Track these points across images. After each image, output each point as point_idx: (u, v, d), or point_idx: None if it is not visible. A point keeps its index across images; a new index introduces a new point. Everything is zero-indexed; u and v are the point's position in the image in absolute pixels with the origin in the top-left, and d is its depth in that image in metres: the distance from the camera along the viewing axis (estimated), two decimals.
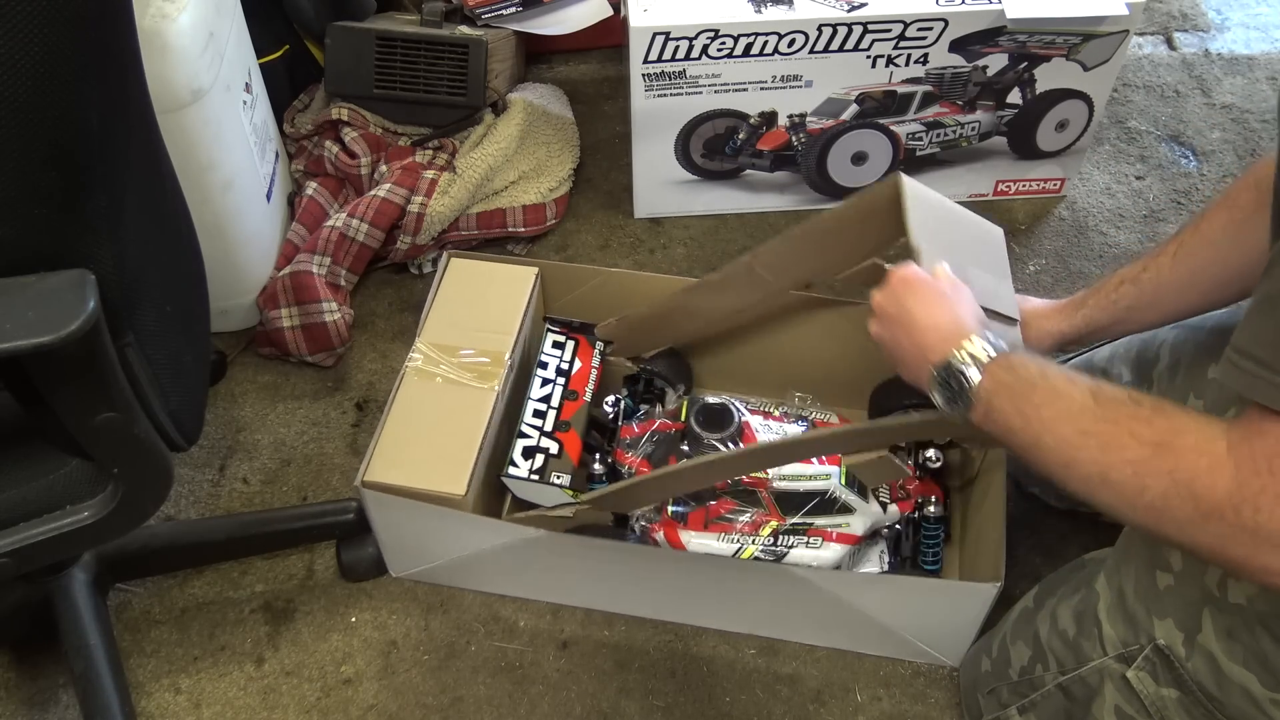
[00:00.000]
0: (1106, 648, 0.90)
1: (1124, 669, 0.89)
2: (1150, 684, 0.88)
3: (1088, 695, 0.92)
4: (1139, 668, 0.88)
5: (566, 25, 1.61)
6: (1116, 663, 0.90)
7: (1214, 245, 0.95)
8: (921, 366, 0.88)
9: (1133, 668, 0.88)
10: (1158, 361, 1.04)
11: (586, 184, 1.69)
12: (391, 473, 1.10)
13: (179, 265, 0.90)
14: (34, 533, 0.81)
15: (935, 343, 0.86)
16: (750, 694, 1.15)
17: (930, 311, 0.90)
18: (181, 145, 1.23)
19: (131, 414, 0.77)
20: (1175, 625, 0.86)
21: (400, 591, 1.23)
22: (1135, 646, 0.88)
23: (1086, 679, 0.92)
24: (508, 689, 1.15)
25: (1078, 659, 0.93)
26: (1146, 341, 1.07)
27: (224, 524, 1.28)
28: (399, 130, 1.63)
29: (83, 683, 1.07)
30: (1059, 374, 0.78)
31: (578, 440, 1.20)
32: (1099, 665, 0.91)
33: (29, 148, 0.63)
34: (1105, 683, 0.91)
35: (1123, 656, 0.89)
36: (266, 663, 1.18)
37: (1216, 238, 0.95)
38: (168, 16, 1.16)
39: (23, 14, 0.58)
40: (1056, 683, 0.95)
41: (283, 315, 1.41)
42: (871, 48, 1.44)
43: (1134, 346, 1.08)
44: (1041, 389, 0.78)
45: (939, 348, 0.85)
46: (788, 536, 1.10)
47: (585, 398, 1.24)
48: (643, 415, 1.25)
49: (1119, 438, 0.71)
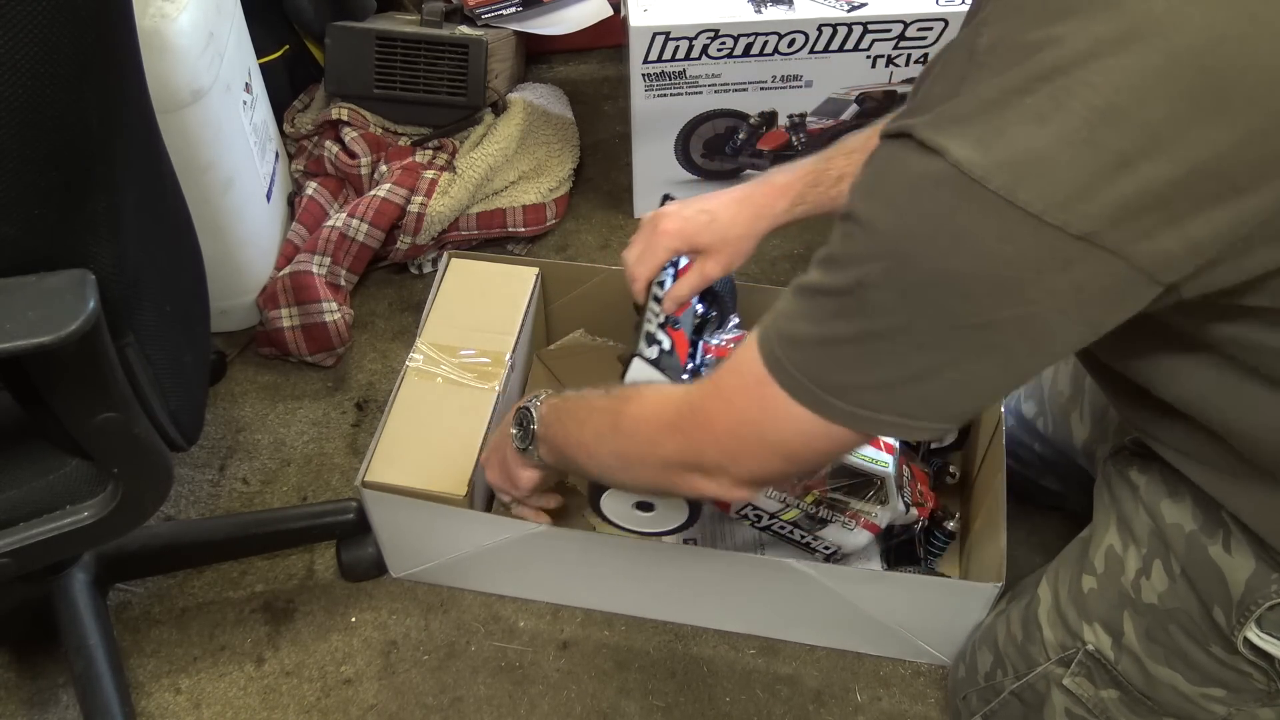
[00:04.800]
0: (1049, 652, 0.91)
1: (1064, 673, 0.89)
2: (1088, 687, 0.88)
3: (1038, 701, 0.93)
4: (1074, 672, 0.89)
5: (566, 25, 1.61)
6: (1057, 667, 0.90)
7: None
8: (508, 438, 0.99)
9: (1069, 673, 0.89)
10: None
11: (586, 184, 1.69)
12: (392, 473, 1.10)
13: (179, 265, 0.90)
14: (34, 533, 0.81)
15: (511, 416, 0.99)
16: (750, 694, 1.15)
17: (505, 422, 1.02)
18: (181, 145, 1.22)
19: (131, 414, 0.77)
20: (1103, 629, 0.87)
21: (400, 591, 1.23)
22: (1072, 650, 0.89)
23: (1035, 685, 0.93)
24: (508, 689, 1.15)
25: (1027, 665, 0.94)
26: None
27: (224, 524, 1.28)
28: (399, 130, 1.63)
29: (83, 683, 1.07)
30: (595, 391, 0.90)
31: (685, 340, 1.13)
32: (1044, 671, 0.92)
33: (29, 148, 0.63)
34: (1051, 688, 0.91)
35: (1062, 660, 0.90)
36: (266, 663, 1.17)
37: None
38: (168, 16, 1.16)
39: (22, 13, 0.58)
40: (1011, 689, 0.95)
41: (283, 315, 1.41)
42: (871, 48, 1.44)
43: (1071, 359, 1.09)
44: (576, 404, 0.90)
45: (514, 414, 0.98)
46: (829, 510, 1.09)
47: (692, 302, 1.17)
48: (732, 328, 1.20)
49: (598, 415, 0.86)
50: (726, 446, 0.73)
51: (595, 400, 0.88)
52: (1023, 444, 1.17)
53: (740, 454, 0.73)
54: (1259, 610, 0.75)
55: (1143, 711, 0.86)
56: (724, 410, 0.72)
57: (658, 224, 1.02)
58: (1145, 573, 0.84)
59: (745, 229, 1.01)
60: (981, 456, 1.20)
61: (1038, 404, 1.15)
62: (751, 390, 0.68)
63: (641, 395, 0.82)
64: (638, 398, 0.82)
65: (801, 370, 0.65)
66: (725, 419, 0.72)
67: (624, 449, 0.82)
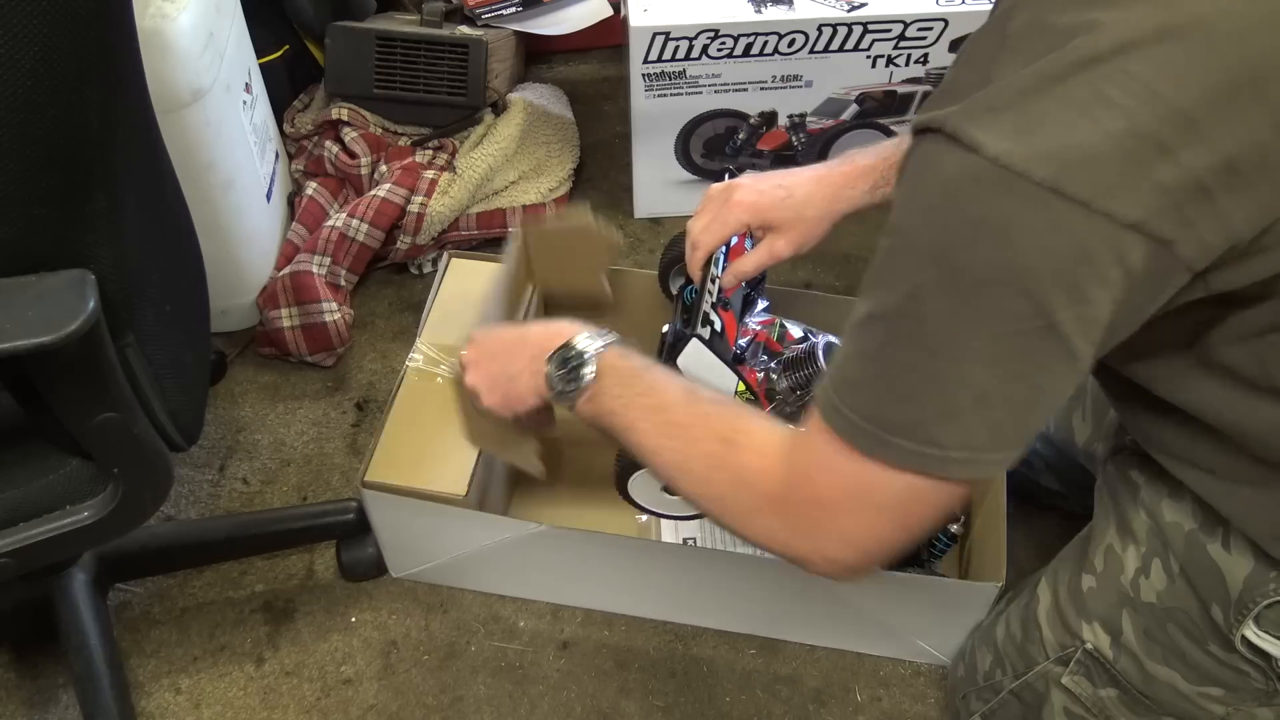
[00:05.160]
0: (1048, 651, 0.91)
1: (1062, 672, 0.89)
2: (1087, 686, 0.88)
3: (1037, 700, 0.93)
4: (1072, 671, 0.89)
5: (566, 25, 1.61)
6: (1056, 666, 0.90)
7: None
8: (533, 362, 0.84)
9: (1067, 672, 0.89)
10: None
11: (586, 184, 1.69)
12: (392, 473, 1.10)
13: (179, 265, 0.90)
14: (34, 533, 0.81)
15: (544, 339, 0.85)
16: (750, 694, 1.15)
17: (521, 332, 0.89)
18: (181, 145, 1.22)
19: (131, 414, 0.77)
20: (1101, 628, 0.87)
21: (400, 591, 1.23)
22: (1070, 649, 0.88)
23: (1033, 684, 0.93)
24: (508, 689, 1.15)
25: (1026, 664, 0.93)
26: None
27: (224, 524, 1.28)
28: (399, 130, 1.63)
29: (83, 683, 1.07)
30: (660, 370, 0.80)
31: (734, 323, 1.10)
32: (1042, 670, 0.91)
33: (29, 148, 0.63)
34: (1050, 687, 0.91)
35: (1061, 659, 0.90)
36: (266, 663, 1.17)
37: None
38: (168, 16, 1.16)
39: (23, 13, 0.58)
40: (1010, 688, 0.95)
41: (283, 315, 1.41)
42: (871, 48, 1.44)
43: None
44: (645, 379, 0.79)
45: (552, 341, 0.83)
46: None
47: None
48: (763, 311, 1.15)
49: (697, 431, 0.75)
50: (818, 524, 0.67)
51: (685, 409, 0.77)
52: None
53: (835, 530, 0.67)
54: (1257, 608, 0.75)
55: (1141, 710, 0.86)
56: (803, 487, 0.67)
57: (730, 194, 0.98)
58: (1144, 572, 0.84)
59: (821, 209, 0.97)
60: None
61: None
62: (819, 457, 0.64)
63: (751, 444, 0.72)
64: (749, 448, 0.71)
65: (860, 411, 0.61)
66: (807, 494, 0.67)
67: (724, 504, 0.74)
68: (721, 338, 1.01)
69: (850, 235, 1.56)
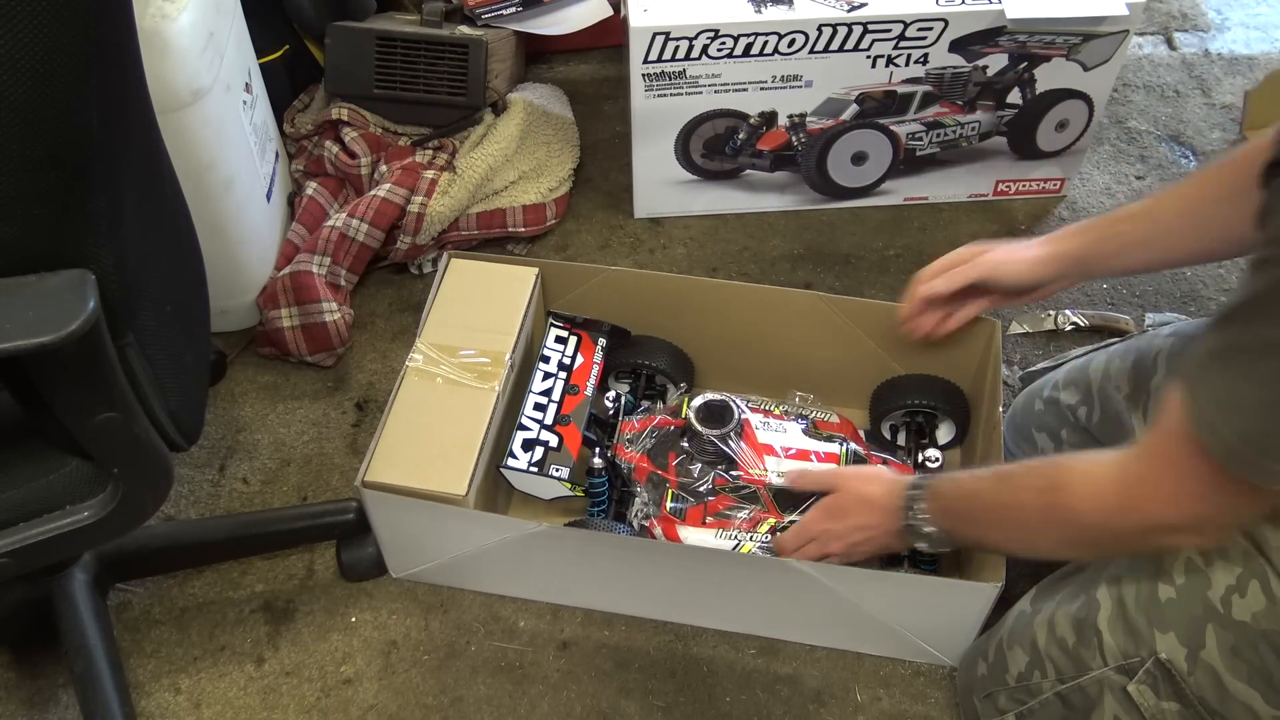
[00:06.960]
0: (1107, 658, 0.90)
1: (1125, 681, 0.88)
2: (1151, 697, 0.87)
3: (1087, 705, 0.92)
4: (1140, 681, 0.88)
5: (566, 25, 1.61)
6: (1117, 674, 0.89)
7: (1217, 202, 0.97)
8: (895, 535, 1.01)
9: (1134, 680, 0.88)
10: (1154, 372, 1.04)
11: (586, 184, 1.69)
12: (392, 473, 1.10)
13: (179, 265, 0.90)
14: (34, 533, 0.81)
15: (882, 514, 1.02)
16: (750, 694, 1.15)
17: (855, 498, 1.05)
18: (181, 145, 1.22)
19: (131, 414, 0.77)
20: (1178, 639, 0.85)
21: (400, 591, 1.23)
22: (1136, 659, 0.88)
23: (1086, 689, 0.92)
24: (508, 689, 1.15)
25: (1077, 668, 0.92)
26: (1143, 352, 1.07)
27: (224, 524, 1.28)
28: (399, 130, 1.63)
29: (83, 683, 1.07)
30: (966, 476, 0.96)
31: (578, 434, 1.20)
32: (1099, 676, 0.90)
33: (29, 148, 0.63)
34: (1105, 694, 0.90)
35: (1123, 668, 0.89)
36: (266, 663, 1.18)
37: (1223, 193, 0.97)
38: (168, 16, 1.16)
39: (24, 13, 0.58)
40: (1055, 691, 0.94)
41: (283, 315, 1.41)
42: (871, 48, 1.44)
43: (1130, 357, 1.08)
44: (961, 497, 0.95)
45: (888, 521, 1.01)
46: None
47: (586, 393, 1.24)
48: (643, 411, 1.25)
49: (1021, 498, 0.89)
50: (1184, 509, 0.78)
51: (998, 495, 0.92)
52: (1047, 427, 1.16)
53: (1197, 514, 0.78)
54: None
55: None
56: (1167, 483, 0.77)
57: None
58: (1240, 591, 0.83)
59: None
60: (982, 456, 1.20)
61: (1081, 393, 1.13)
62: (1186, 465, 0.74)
63: (1071, 484, 0.84)
64: (1067, 487, 0.84)
65: (1243, 435, 0.69)
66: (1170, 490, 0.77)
67: (1074, 537, 0.87)
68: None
69: (851, 235, 1.57)
